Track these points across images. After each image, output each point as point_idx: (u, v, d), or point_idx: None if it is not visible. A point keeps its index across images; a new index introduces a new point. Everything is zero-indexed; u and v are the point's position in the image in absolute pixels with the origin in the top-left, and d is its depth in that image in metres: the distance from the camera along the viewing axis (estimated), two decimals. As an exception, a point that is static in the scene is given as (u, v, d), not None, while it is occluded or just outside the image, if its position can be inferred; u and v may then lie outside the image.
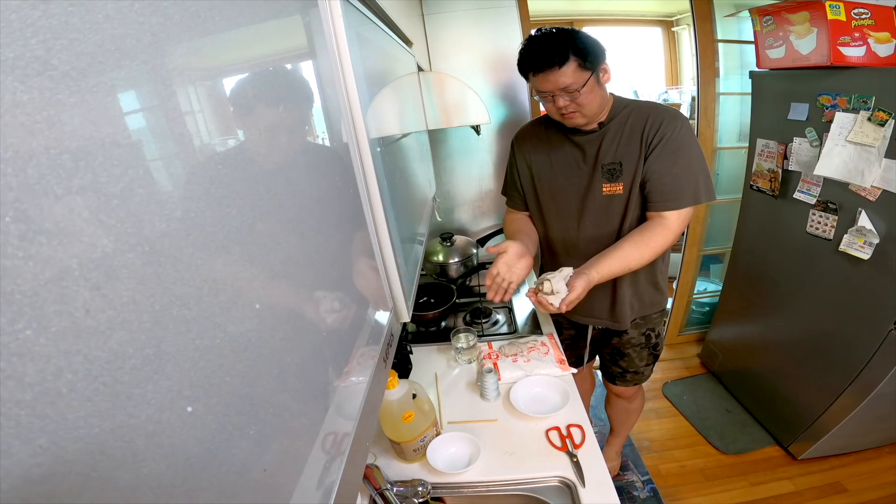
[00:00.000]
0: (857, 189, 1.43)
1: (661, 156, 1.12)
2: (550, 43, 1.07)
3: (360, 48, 0.64)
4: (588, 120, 1.16)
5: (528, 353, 1.32)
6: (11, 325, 0.16)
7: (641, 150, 1.14)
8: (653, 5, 3.34)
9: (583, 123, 1.16)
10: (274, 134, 0.40)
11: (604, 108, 1.17)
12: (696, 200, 1.13)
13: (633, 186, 1.18)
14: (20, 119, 0.17)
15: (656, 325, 1.41)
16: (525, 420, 1.13)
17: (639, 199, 1.19)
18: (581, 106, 1.12)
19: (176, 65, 0.27)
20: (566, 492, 0.96)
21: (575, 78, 1.07)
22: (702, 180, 1.13)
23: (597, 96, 1.12)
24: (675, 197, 1.13)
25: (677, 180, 1.12)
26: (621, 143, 1.17)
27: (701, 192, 1.12)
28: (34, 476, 0.16)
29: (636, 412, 1.70)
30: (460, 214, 2.13)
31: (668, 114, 1.13)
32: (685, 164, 1.12)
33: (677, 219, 1.13)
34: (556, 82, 1.08)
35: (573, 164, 1.24)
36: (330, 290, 0.50)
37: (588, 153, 1.21)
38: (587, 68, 1.07)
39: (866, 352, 1.49)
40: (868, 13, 1.39)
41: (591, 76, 1.08)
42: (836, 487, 1.69)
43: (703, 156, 1.14)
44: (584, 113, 1.14)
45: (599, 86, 1.11)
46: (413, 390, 1.01)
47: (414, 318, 1.61)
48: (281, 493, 0.34)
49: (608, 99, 1.17)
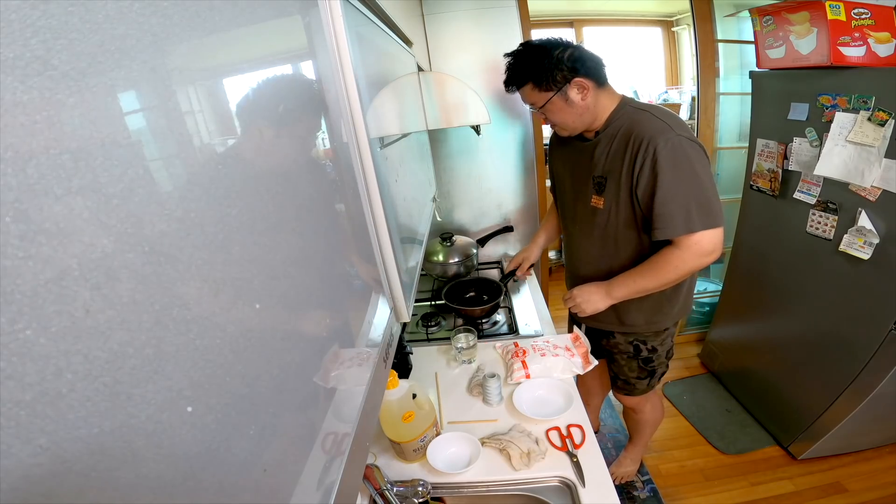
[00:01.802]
0: (857, 189, 1.43)
1: (644, 180, 1.06)
2: (514, 66, 1.12)
3: (360, 48, 0.64)
4: (570, 132, 1.19)
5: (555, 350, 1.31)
6: (11, 325, 0.16)
7: (624, 171, 1.10)
8: (653, 5, 3.34)
9: (566, 134, 1.21)
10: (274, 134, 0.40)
11: (592, 120, 1.15)
12: (688, 230, 1.05)
13: (613, 205, 1.16)
14: (20, 119, 0.17)
15: (648, 339, 1.35)
16: (526, 421, 1.13)
17: (622, 219, 1.16)
18: (552, 122, 1.17)
19: (176, 65, 0.27)
20: (566, 492, 0.96)
21: (534, 98, 1.13)
22: (694, 207, 1.04)
23: (568, 113, 1.12)
24: (663, 225, 1.07)
25: (664, 207, 1.05)
26: (608, 158, 1.15)
27: (694, 220, 1.04)
28: (34, 476, 0.16)
29: (647, 425, 1.64)
30: (460, 214, 2.13)
31: (652, 132, 1.04)
32: (669, 189, 1.04)
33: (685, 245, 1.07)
34: (524, 100, 1.16)
35: (577, 167, 1.26)
36: (330, 291, 0.50)
37: (583, 161, 1.22)
38: (546, 89, 1.09)
39: (866, 352, 1.49)
40: (868, 13, 1.39)
41: (555, 95, 1.09)
42: (836, 487, 1.69)
43: (702, 178, 1.04)
44: (560, 126, 1.18)
45: (569, 104, 1.10)
46: (413, 390, 1.01)
47: (461, 313, 1.61)
48: (281, 493, 0.34)
49: (601, 108, 1.13)
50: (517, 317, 1.63)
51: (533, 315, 1.62)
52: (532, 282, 1.85)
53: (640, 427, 1.66)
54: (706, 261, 1.09)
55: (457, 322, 1.64)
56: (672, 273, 1.11)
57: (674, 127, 1.05)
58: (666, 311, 1.29)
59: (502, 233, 2.08)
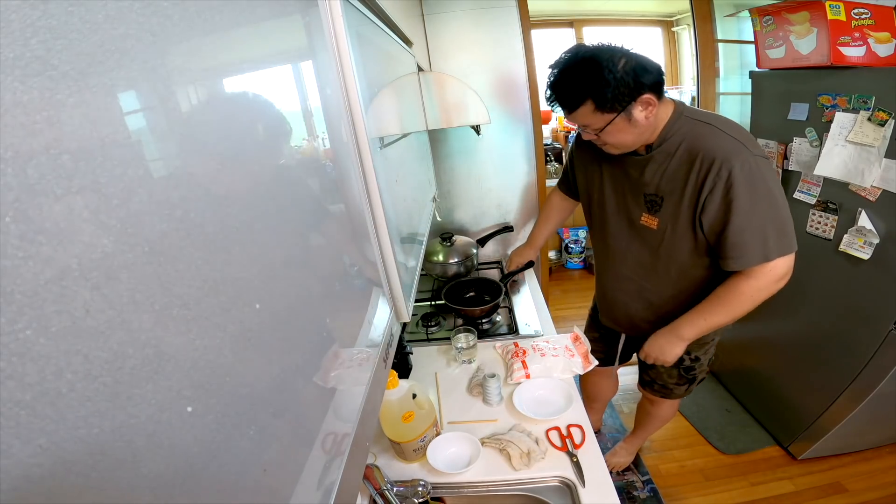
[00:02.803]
0: (857, 189, 1.43)
1: (714, 206, 0.96)
2: (566, 83, 0.95)
3: (360, 48, 0.64)
4: (621, 150, 1.06)
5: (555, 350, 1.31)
6: (11, 325, 0.16)
7: (688, 192, 0.99)
8: (653, 5, 3.34)
9: (616, 153, 1.08)
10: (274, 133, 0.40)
11: (649, 134, 1.02)
12: (765, 258, 0.96)
13: (669, 227, 1.06)
14: (20, 119, 0.17)
15: (692, 350, 1.27)
16: (526, 421, 1.13)
17: (679, 241, 1.07)
18: (607, 143, 1.03)
19: (176, 65, 0.27)
20: (566, 492, 0.96)
21: (592, 120, 0.97)
22: (772, 234, 0.95)
23: (629, 133, 0.99)
24: (737, 255, 0.98)
25: (739, 236, 0.96)
26: (665, 177, 1.03)
27: (771, 248, 0.95)
28: (34, 476, 0.16)
29: (658, 419, 1.63)
30: (460, 214, 2.13)
31: (725, 153, 0.93)
32: (746, 217, 0.94)
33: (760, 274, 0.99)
34: (574, 121, 1.01)
35: (622, 180, 1.15)
36: (330, 290, 0.50)
37: (632, 176, 1.11)
38: (609, 110, 0.94)
39: (866, 352, 1.49)
40: (868, 13, 1.39)
41: (618, 116, 0.94)
42: (836, 487, 1.69)
43: (777, 200, 0.95)
44: (613, 146, 1.04)
45: (631, 123, 0.96)
46: (413, 390, 1.01)
47: (460, 313, 1.61)
48: (281, 493, 0.34)
49: (658, 121, 1.01)
50: (517, 317, 1.63)
51: (533, 315, 1.62)
52: (532, 282, 1.85)
53: (650, 420, 1.65)
54: (779, 286, 1.01)
55: (457, 322, 1.64)
56: (747, 304, 1.03)
57: (747, 145, 0.95)
58: None
59: (502, 233, 2.08)
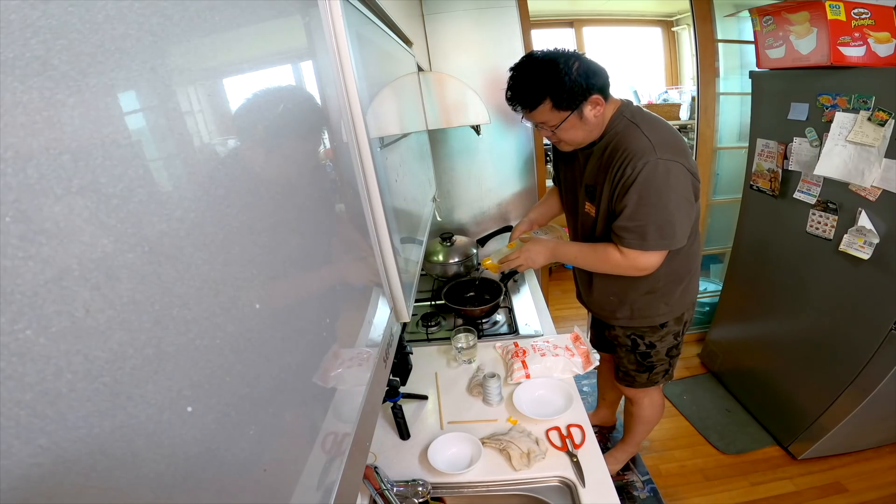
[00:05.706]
0: (857, 189, 1.43)
1: (617, 196, 1.11)
2: (526, 84, 1.06)
3: (360, 48, 0.64)
4: (574, 147, 1.18)
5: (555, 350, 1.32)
6: (11, 325, 0.16)
7: (608, 182, 1.13)
8: (653, 5, 3.34)
9: (569, 150, 1.20)
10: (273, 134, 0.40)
11: (597, 132, 1.14)
12: (641, 247, 1.11)
13: (601, 214, 1.19)
14: (20, 119, 0.17)
15: (645, 335, 1.38)
16: (526, 421, 1.13)
17: (607, 226, 1.19)
18: (561, 140, 1.15)
19: (176, 65, 0.27)
20: (566, 492, 0.96)
21: (549, 117, 1.08)
22: (651, 231, 1.08)
23: (579, 130, 1.10)
24: (619, 236, 1.13)
25: (625, 223, 1.10)
26: (599, 168, 1.16)
27: (650, 241, 1.10)
28: (34, 476, 0.16)
29: (641, 421, 1.64)
30: (460, 214, 2.13)
31: (635, 153, 1.06)
32: (636, 208, 1.08)
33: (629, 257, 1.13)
34: (533, 119, 1.11)
35: (575, 174, 1.28)
36: (330, 290, 0.50)
37: (579, 169, 1.25)
38: (564, 108, 1.05)
39: (866, 352, 1.49)
40: (868, 13, 1.39)
41: (571, 114, 1.06)
42: (836, 487, 1.69)
43: (667, 203, 1.07)
44: (567, 143, 1.16)
45: (583, 121, 1.08)
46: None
47: (460, 313, 1.61)
48: (281, 493, 0.34)
49: (604, 119, 1.13)
50: (517, 317, 1.63)
51: (533, 315, 1.62)
52: (532, 282, 1.85)
53: (634, 422, 1.66)
54: (639, 273, 1.18)
55: (457, 322, 1.64)
56: (606, 268, 1.21)
57: (657, 148, 1.05)
58: (654, 308, 1.32)
59: (502, 233, 2.08)
